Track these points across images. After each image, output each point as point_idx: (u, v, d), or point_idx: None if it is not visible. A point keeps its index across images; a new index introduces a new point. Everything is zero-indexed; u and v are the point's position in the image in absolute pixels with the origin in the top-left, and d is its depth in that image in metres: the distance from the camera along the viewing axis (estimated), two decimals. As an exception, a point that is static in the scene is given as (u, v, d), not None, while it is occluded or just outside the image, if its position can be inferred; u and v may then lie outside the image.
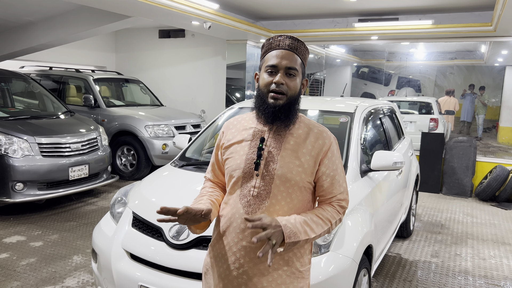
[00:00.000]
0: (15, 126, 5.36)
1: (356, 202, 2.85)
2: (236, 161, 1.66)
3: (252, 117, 1.74)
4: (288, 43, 1.63)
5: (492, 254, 4.64)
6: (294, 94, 1.62)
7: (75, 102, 7.95)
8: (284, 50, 1.62)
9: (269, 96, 1.60)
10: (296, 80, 1.63)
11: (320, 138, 1.67)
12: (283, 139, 1.65)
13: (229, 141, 1.72)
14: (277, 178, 1.61)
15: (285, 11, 7.88)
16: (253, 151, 1.65)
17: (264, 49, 1.68)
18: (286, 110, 1.61)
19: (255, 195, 1.61)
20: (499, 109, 9.80)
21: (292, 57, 1.62)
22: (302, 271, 1.67)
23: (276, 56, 1.61)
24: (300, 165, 1.62)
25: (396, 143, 4.54)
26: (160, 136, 7.23)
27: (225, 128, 1.78)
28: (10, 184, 5.03)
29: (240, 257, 1.62)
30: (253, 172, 1.63)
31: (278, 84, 1.59)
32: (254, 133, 1.68)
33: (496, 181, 6.72)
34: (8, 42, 7.80)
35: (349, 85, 11.23)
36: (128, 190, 3.18)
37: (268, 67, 1.62)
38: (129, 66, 10.69)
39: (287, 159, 1.62)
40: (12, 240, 4.54)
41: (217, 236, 1.71)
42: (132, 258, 2.59)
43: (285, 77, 1.60)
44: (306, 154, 1.63)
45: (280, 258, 1.62)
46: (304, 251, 1.68)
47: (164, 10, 5.98)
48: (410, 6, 7.08)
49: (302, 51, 1.66)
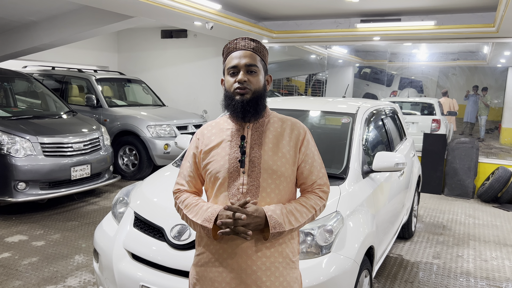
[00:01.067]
0: (17, 125, 5.37)
1: (357, 203, 2.85)
2: (219, 162, 1.69)
3: (226, 120, 1.79)
4: (244, 44, 1.72)
5: (494, 256, 4.63)
6: (259, 88, 1.69)
7: (78, 102, 7.97)
8: (241, 51, 1.70)
9: (235, 93, 1.67)
10: (258, 76, 1.70)
11: (295, 128, 1.76)
12: (262, 134, 1.72)
13: (207, 146, 1.74)
14: (264, 171, 1.66)
15: (287, 11, 7.88)
16: (235, 150, 1.69)
17: (224, 54, 1.76)
18: (254, 103, 1.67)
19: (244, 192, 1.65)
20: (501, 110, 9.78)
21: (250, 56, 1.69)
22: (294, 261, 1.74)
23: (235, 57, 1.70)
24: (283, 156, 1.69)
25: (398, 144, 4.54)
26: (162, 136, 7.23)
27: (199, 135, 1.80)
28: (13, 183, 5.05)
29: (237, 256, 1.63)
30: (239, 170, 1.67)
31: (241, 81, 1.65)
32: (232, 133, 1.73)
33: (498, 182, 6.71)
34: (11, 42, 7.82)
35: (351, 86, 11.22)
36: (130, 190, 3.18)
37: (230, 68, 1.69)
38: (131, 66, 10.71)
39: (270, 152, 1.69)
40: (14, 239, 4.55)
41: (207, 242, 1.70)
42: (134, 258, 2.59)
43: (247, 74, 1.67)
44: (286, 145, 1.71)
45: (275, 251, 1.66)
46: (294, 241, 1.74)
47: (166, 10, 5.99)
48: (413, 7, 7.07)
49: (260, 49, 1.74)
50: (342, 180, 2.97)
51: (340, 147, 3.34)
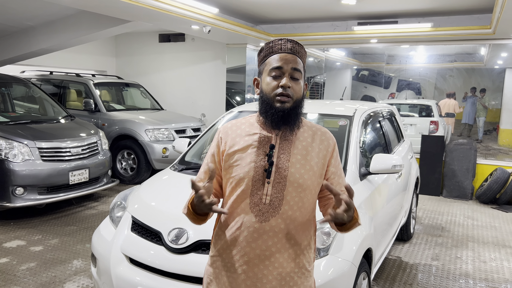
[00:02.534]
0: (15, 130, 5.37)
1: (355, 205, 2.85)
2: (244, 169, 1.61)
3: (253, 122, 1.70)
4: (290, 47, 1.61)
5: (493, 257, 4.63)
6: (299, 97, 1.61)
7: (76, 106, 7.97)
8: (287, 54, 1.60)
9: (276, 100, 1.57)
10: (300, 83, 1.62)
11: (325, 139, 1.69)
12: (291, 144, 1.63)
13: (231, 148, 1.65)
14: (290, 184, 1.59)
15: (285, 15, 7.90)
16: (262, 158, 1.61)
17: (264, 53, 1.65)
18: (294, 113, 1.60)
19: (267, 203, 1.59)
20: (499, 111, 9.79)
21: (295, 60, 1.60)
22: (309, 270, 1.69)
23: (280, 59, 1.59)
24: (310, 169, 1.62)
25: (395, 146, 4.54)
26: (160, 140, 7.23)
27: (223, 134, 1.71)
28: (11, 188, 5.04)
29: (253, 265, 1.60)
30: (264, 180, 1.59)
31: (285, 87, 1.56)
32: (260, 139, 1.64)
33: (496, 184, 6.72)
34: (8, 47, 7.82)
35: (349, 88, 11.24)
36: (127, 194, 3.18)
37: (273, 70, 1.59)
38: (129, 70, 10.72)
39: (297, 165, 1.61)
40: (12, 244, 4.54)
41: (222, 246, 1.67)
42: (131, 262, 2.59)
43: (290, 80, 1.58)
44: (315, 157, 1.64)
45: (291, 261, 1.62)
46: (311, 250, 1.70)
47: (164, 14, 6.01)
48: (409, 9, 7.10)
49: (303, 54, 1.65)
50: (339, 182, 2.97)
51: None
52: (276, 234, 1.59)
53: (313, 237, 1.72)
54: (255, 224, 1.58)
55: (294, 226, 1.61)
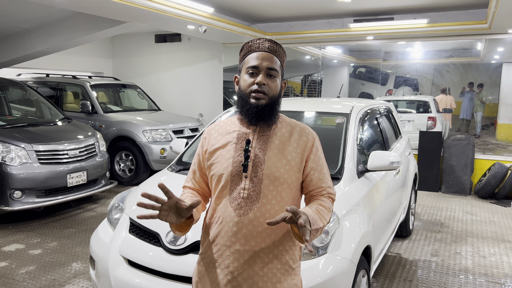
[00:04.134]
0: (12, 134, 5.35)
1: (353, 203, 2.85)
2: (223, 165, 1.67)
3: (234, 121, 1.76)
4: (268, 46, 1.67)
5: (492, 252, 4.64)
6: (275, 94, 1.66)
7: (73, 108, 7.95)
8: (264, 52, 1.66)
9: (251, 96, 1.63)
10: (277, 81, 1.67)
11: (304, 135, 1.72)
12: (268, 139, 1.68)
13: (212, 146, 1.72)
14: (266, 178, 1.63)
15: (280, 13, 7.89)
16: (239, 153, 1.66)
17: (244, 51, 1.71)
18: (269, 110, 1.64)
19: (245, 196, 1.63)
20: (497, 106, 9.80)
21: (272, 59, 1.66)
22: (294, 268, 1.70)
23: (256, 57, 1.65)
24: (287, 163, 1.66)
25: (393, 142, 4.54)
26: (158, 140, 7.22)
27: (206, 134, 1.78)
28: (8, 192, 5.02)
29: (234, 260, 1.62)
30: (242, 174, 1.64)
31: (260, 84, 1.62)
32: (238, 135, 1.70)
33: (495, 178, 6.72)
34: (4, 50, 7.80)
35: (346, 86, 11.23)
36: (125, 196, 3.17)
37: (249, 68, 1.65)
38: (126, 71, 10.70)
39: (274, 159, 1.65)
40: (11, 248, 4.53)
41: (207, 244, 1.71)
42: (130, 264, 2.58)
43: (266, 78, 1.64)
44: (292, 152, 1.67)
45: (273, 257, 1.64)
46: (295, 248, 1.71)
47: (159, 15, 5.99)
48: (405, 6, 7.09)
49: (281, 53, 1.71)
50: (337, 180, 2.97)
51: (334, 147, 3.33)
52: (255, 228, 1.61)
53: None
54: (234, 218, 1.62)
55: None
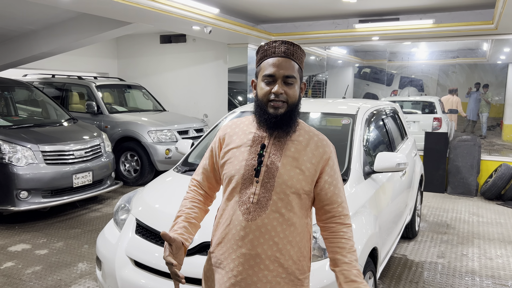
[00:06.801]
0: (18, 134, 5.38)
1: (360, 204, 2.84)
2: (235, 166, 1.63)
3: (251, 121, 1.70)
4: (284, 50, 1.60)
5: (499, 254, 4.60)
6: (294, 101, 1.60)
7: (78, 109, 7.98)
8: (280, 58, 1.58)
9: (269, 105, 1.58)
10: (295, 87, 1.60)
11: (321, 146, 1.66)
12: (283, 146, 1.62)
13: (227, 146, 1.69)
14: (278, 185, 1.58)
15: (285, 13, 7.88)
16: (253, 157, 1.62)
17: (259, 56, 1.65)
18: (287, 118, 1.59)
19: (254, 202, 1.59)
20: (502, 107, 9.74)
21: (289, 64, 1.58)
22: (301, 279, 1.64)
23: (272, 64, 1.58)
24: (301, 173, 1.60)
25: (399, 143, 4.52)
26: (163, 141, 7.23)
27: (222, 132, 1.74)
28: (15, 192, 5.05)
29: (239, 264, 1.59)
30: (253, 179, 1.60)
31: (277, 94, 1.56)
32: (254, 138, 1.65)
33: (501, 180, 6.68)
34: (10, 51, 7.84)
35: (351, 86, 11.21)
36: (131, 197, 3.18)
37: (265, 76, 1.59)
38: (131, 72, 10.73)
39: (288, 167, 1.60)
40: (18, 248, 4.55)
41: (215, 243, 1.69)
42: (136, 265, 2.58)
43: (284, 85, 1.57)
44: (307, 162, 1.61)
45: (279, 266, 1.59)
46: (304, 259, 1.65)
47: (164, 16, 6.00)
48: (411, 6, 7.07)
49: (299, 55, 1.63)
50: (343, 181, 2.95)
51: (341, 148, 3.32)
52: (262, 234, 1.57)
53: (306, 244, 1.66)
54: (242, 222, 1.59)
55: (282, 229, 1.58)
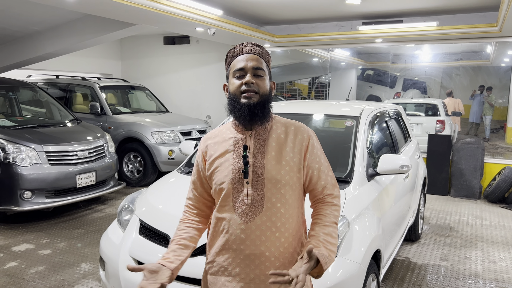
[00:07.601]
0: (22, 134, 5.40)
1: (363, 206, 2.84)
2: (223, 173, 1.66)
3: (229, 127, 1.74)
4: (251, 48, 1.69)
5: (503, 257, 4.59)
6: (266, 92, 1.65)
7: (82, 109, 8.01)
8: (248, 54, 1.67)
9: (242, 97, 1.62)
10: (265, 80, 1.66)
11: (299, 133, 1.70)
12: (264, 142, 1.67)
13: (211, 156, 1.71)
14: (268, 181, 1.62)
15: (289, 15, 7.89)
16: (238, 160, 1.65)
17: (229, 58, 1.72)
18: (261, 107, 1.63)
19: (249, 203, 1.62)
20: (506, 109, 9.71)
21: (257, 59, 1.66)
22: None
23: (241, 60, 1.66)
24: (286, 164, 1.65)
25: (402, 146, 4.52)
26: (166, 142, 7.25)
27: (203, 144, 1.77)
28: (19, 192, 5.07)
29: (245, 267, 1.62)
30: (243, 181, 1.63)
31: (249, 83, 1.61)
32: (235, 142, 1.68)
33: (505, 183, 6.66)
34: (15, 52, 7.88)
35: (354, 88, 11.20)
36: (135, 198, 3.19)
37: (236, 71, 1.65)
38: (134, 73, 10.76)
39: (273, 161, 1.64)
40: (21, 248, 4.57)
41: (214, 252, 1.70)
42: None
43: (254, 77, 1.64)
44: (290, 152, 1.66)
45: (284, 260, 1.63)
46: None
47: (168, 17, 6.02)
48: (414, 8, 7.06)
49: (265, 55, 1.71)
50: (347, 183, 2.96)
51: (344, 150, 3.33)
52: (263, 232, 1.60)
53: (304, 234, 1.73)
54: (241, 225, 1.61)
55: (282, 223, 1.62)
